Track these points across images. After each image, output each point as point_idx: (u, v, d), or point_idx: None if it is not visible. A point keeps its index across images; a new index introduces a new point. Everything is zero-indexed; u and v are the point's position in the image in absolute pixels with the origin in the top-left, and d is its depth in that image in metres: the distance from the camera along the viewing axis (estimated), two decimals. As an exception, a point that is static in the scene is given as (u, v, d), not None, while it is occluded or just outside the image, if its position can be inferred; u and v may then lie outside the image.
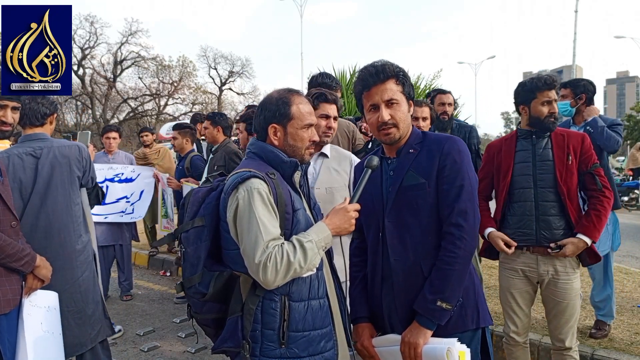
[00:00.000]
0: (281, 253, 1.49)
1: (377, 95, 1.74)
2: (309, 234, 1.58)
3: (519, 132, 2.62)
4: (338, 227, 1.63)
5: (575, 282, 2.51)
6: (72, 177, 2.67)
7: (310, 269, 1.57)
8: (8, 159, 2.47)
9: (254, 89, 34.42)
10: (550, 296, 2.53)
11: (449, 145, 1.74)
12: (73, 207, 2.67)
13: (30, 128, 2.62)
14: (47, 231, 2.55)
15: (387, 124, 1.74)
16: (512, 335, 2.62)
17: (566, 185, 2.46)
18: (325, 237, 1.59)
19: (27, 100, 2.54)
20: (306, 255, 1.52)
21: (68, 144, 2.73)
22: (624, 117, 36.34)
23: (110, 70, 30.54)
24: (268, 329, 1.58)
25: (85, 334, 2.64)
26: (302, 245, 1.53)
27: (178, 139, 5.20)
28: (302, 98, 1.74)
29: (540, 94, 2.52)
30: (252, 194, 1.53)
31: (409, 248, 1.75)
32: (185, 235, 1.61)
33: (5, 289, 2.03)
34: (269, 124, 1.70)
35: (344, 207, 1.66)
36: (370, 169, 1.74)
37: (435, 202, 1.72)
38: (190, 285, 1.59)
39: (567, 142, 2.50)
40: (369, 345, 1.82)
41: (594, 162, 2.50)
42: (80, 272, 2.65)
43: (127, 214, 5.07)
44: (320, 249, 1.58)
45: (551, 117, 2.52)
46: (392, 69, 1.75)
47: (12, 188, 2.42)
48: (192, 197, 1.66)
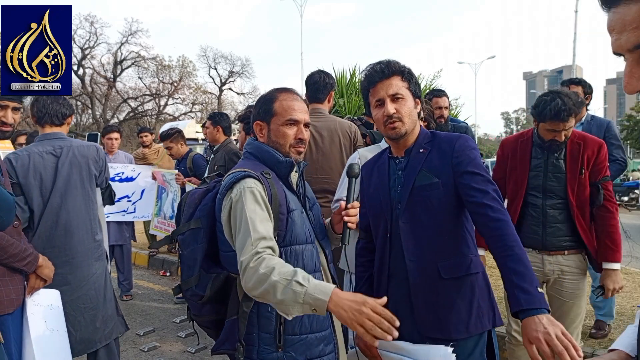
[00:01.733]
0: (269, 262, 1.36)
1: (383, 90, 1.74)
2: (310, 280, 1.35)
3: (534, 138, 2.52)
4: (343, 313, 1.29)
5: (582, 284, 2.48)
6: (90, 177, 2.73)
7: (281, 310, 1.35)
8: (29, 157, 2.51)
9: (254, 89, 34.39)
10: (556, 295, 2.52)
11: (461, 143, 1.74)
12: (90, 205, 2.73)
13: (49, 127, 2.67)
14: (66, 228, 2.60)
15: (392, 118, 1.73)
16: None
17: (577, 197, 2.43)
18: (318, 299, 1.30)
19: (49, 101, 2.61)
20: (285, 293, 1.31)
21: (86, 144, 2.79)
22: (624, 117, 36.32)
23: (110, 70, 30.55)
24: (264, 332, 1.56)
25: (99, 330, 2.69)
26: (295, 277, 1.32)
27: (173, 147, 5.09)
28: (290, 95, 1.70)
29: (549, 122, 2.37)
30: (244, 193, 1.50)
31: (425, 249, 1.73)
32: (182, 237, 1.60)
33: (8, 289, 2.03)
34: (254, 121, 1.71)
35: (364, 301, 1.29)
36: (353, 177, 1.75)
37: (450, 201, 1.71)
38: (188, 288, 1.59)
39: (582, 153, 2.41)
40: (372, 345, 1.81)
41: (604, 175, 2.43)
42: (94, 269, 2.70)
43: (129, 213, 5.08)
44: (305, 304, 1.30)
45: (554, 143, 2.41)
46: (398, 66, 1.76)
47: (33, 186, 2.49)
48: (188, 198, 1.66)
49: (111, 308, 2.78)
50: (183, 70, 32.03)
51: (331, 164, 2.98)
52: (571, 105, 2.31)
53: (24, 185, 2.49)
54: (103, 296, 2.72)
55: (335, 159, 2.99)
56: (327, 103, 3.21)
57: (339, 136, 3.00)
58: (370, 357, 1.80)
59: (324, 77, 3.15)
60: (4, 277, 2.03)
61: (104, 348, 2.73)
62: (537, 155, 2.51)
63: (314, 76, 3.17)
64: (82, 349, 2.61)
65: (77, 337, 2.57)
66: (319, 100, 3.15)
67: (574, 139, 2.44)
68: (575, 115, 2.38)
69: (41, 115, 2.61)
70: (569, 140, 2.43)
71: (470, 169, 1.68)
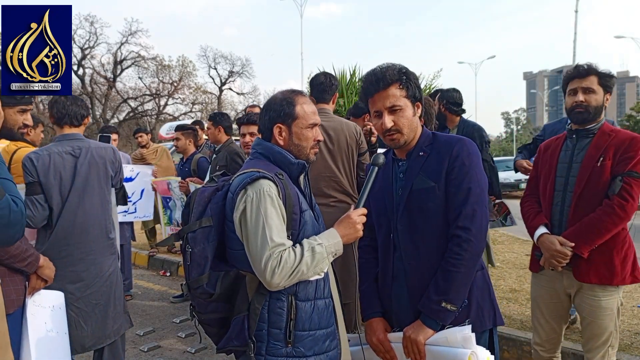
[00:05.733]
0: (289, 256, 1.50)
1: (380, 102, 1.74)
2: (320, 238, 1.60)
3: (567, 131, 2.38)
4: (346, 235, 1.64)
5: (605, 301, 2.21)
6: (107, 177, 2.81)
7: (317, 272, 1.58)
8: (49, 157, 2.57)
9: (254, 89, 34.50)
10: (578, 308, 2.34)
11: (459, 147, 1.73)
12: (106, 205, 2.81)
13: (68, 127, 2.74)
14: (83, 227, 2.66)
15: (391, 131, 1.74)
16: (535, 347, 2.48)
17: (585, 187, 2.20)
18: (335, 243, 1.60)
19: (68, 102, 2.70)
20: (315, 258, 1.54)
21: (103, 145, 2.87)
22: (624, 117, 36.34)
23: (110, 70, 30.59)
24: (274, 328, 1.58)
25: (109, 327, 2.76)
26: (312, 249, 1.54)
27: (181, 139, 5.22)
28: (306, 98, 1.75)
29: (569, 85, 2.30)
30: (262, 197, 1.52)
31: (422, 252, 1.75)
32: (192, 235, 1.59)
33: (9, 290, 2.03)
34: (274, 124, 1.71)
35: (347, 215, 1.67)
36: (377, 166, 1.74)
37: (446, 205, 1.72)
38: (198, 286, 1.59)
39: (609, 142, 2.19)
40: (385, 339, 1.81)
41: (632, 169, 2.13)
42: (107, 266, 2.77)
43: (130, 213, 5.09)
44: (330, 255, 1.59)
45: (577, 107, 2.24)
46: (394, 74, 1.73)
47: (52, 185, 2.55)
48: (197, 196, 1.65)
49: (120, 305, 2.85)
50: (183, 70, 32.10)
51: (338, 164, 2.99)
52: (590, 64, 2.27)
53: (44, 184, 2.54)
54: (114, 293, 2.80)
55: (342, 158, 3.00)
56: (331, 104, 3.24)
57: (345, 136, 3.02)
58: (383, 352, 1.81)
59: (330, 79, 3.21)
60: (4, 278, 2.03)
61: (108, 346, 2.77)
62: (567, 147, 2.36)
63: (319, 77, 3.21)
64: (92, 344, 2.68)
65: (89, 332, 2.65)
66: (325, 100, 3.18)
67: (605, 129, 2.25)
68: (598, 77, 2.25)
69: (61, 116, 2.69)
70: (599, 130, 2.25)
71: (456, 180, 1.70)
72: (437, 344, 1.66)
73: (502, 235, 7.35)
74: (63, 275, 2.52)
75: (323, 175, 2.94)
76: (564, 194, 2.30)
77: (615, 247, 2.21)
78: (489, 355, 1.62)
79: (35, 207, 2.49)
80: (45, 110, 27.65)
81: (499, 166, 5.59)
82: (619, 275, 2.19)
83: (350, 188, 3.03)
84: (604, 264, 2.20)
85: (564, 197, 2.30)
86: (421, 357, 1.67)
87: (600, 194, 2.19)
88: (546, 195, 2.38)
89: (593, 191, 2.20)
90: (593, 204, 2.20)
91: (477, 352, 1.57)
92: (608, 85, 2.27)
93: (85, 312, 2.64)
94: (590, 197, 2.21)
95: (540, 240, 2.33)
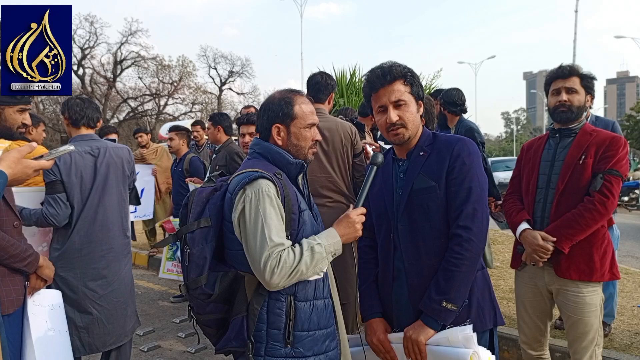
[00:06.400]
0: (289, 256, 1.50)
1: (385, 96, 1.75)
2: (319, 237, 1.60)
3: (550, 131, 2.44)
4: (345, 234, 1.64)
5: (589, 297, 2.21)
6: (124, 177, 2.87)
7: (317, 272, 1.57)
8: (70, 156, 2.62)
9: (254, 89, 34.49)
10: (561, 308, 2.32)
11: (459, 147, 1.74)
12: (124, 204, 2.88)
13: (85, 129, 2.80)
14: (103, 225, 2.71)
15: (396, 125, 1.75)
16: (521, 345, 2.49)
17: (567, 184, 2.24)
18: (335, 242, 1.60)
19: (85, 105, 2.78)
20: (314, 258, 1.53)
21: (119, 146, 2.94)
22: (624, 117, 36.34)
23: (110, 70, 30.55)
24: (274, 328, 1.58)
25: (127, 325, 2.82)
26: (312, 248, 1.54)
27: (175, 139, 5.26)
28: (304, 98, 1.75)
29: (552, 85, 2.36)
30: (261, 196, 1.52)
31: (422, 251, 1.75)
32: (191, 235, 1.59)
33: (9, 289, 2.03)
34: (273, 124, 1.70)
35: (346, 214, 1.68)
36: (376, 165, 1.74)
37: (447, 205, 1.72)
38: (196, 287, 1.58)
39: (591, 141, 2.23)
40: (385, 339, 1.81)
41: (613, 167, 2.17)
42: (124, 264, 2.83)
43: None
44: (329, 254, 1.59)
45: (561, 107, 2.29)
46: (400, 70, 1.75)
47: (74, 184, 2.61)
48: (195, 196, 1.65)
49: (134, 303, 2.91)
50: (183, 70, 32.05)
51: (333, 164, 2.98)
52: (572, 65, 2.34)
53: (67, 183, 2.59)
54: (130, 291, 2.85)
55: (337, 159, 2.99)
56: (327, 104, 3.23)
57: (340, 136, 3.00)
58: (383, 352, 1.81)
59: (326, 78, 3.20)
60: (4, 278, 2.03)
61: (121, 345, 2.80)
62: (549, 146, 2.40)
63: (316, 77, 3.20)
64: (113, 342, 2.73)
65: (110, 330, 2.70)
66: (320, 100, 3.17)
67: (587, 129, 2.30)
68: (580, 78, 2.31)
69: (79, 117, 2.75)
70: (581, 130, 2.30)
71: (457, 179, 1.70)
72: (438, 344, 1.65)
73: (502, 235, 7.34)
74: (84, 272, 2.60)
75: (318, 175, 2.93)
76: (546, 191, 2.34)
77: (595, 244, 2.23)
78: (490, 355, 1.62)
79: (59, 205, 2.54)
80: (45, 110, 27.68)
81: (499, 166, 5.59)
82: (599, 271, 2.22)
83: (345, 188, 3.02)
84: (584, 260, 2.23)
85: (546, 194, 2.33)
86: (422, 357, 1.67)
87: (582, 191, 2.23)
88: (529, 192, 2.41)
89: (575, 188, 2.24)
90: (575, 200, 2.24)
91: (479, 352, 1.57)
92: (589, 86, 2.33)
93: (108, 310, 2.69)
94: (572, 194, 2.25)
95: (522, 235, 2.35)
